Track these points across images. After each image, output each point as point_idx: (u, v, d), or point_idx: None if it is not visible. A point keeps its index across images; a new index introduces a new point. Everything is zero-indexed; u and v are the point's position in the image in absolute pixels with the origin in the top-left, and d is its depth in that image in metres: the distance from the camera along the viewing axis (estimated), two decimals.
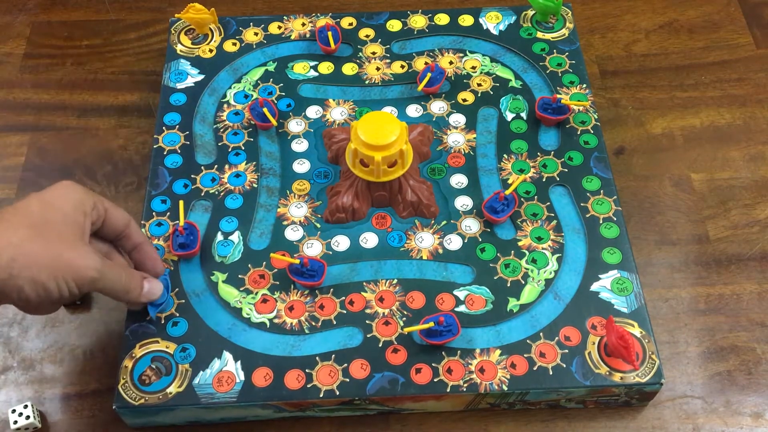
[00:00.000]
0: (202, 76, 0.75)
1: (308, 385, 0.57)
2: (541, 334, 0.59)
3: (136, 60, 0.82)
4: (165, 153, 0.69)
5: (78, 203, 0.53)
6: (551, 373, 0.57)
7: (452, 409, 0.60)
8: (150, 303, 0.59)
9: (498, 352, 0.58)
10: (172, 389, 0.57)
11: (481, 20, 0.79)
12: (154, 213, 0.66)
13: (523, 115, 0.72)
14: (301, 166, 0.69)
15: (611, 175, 0.67)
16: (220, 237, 0.64)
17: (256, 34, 0.78)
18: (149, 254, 0.59)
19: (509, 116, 0.72)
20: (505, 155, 0.69)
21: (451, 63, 0.75)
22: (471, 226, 0.65)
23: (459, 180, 0.68)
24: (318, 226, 0.65)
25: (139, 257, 0.59)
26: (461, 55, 0.76)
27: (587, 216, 0.65)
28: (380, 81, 0.74)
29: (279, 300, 0.61)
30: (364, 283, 0.62)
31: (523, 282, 0.62)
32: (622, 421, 0.60)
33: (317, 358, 0.58)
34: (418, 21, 0.79)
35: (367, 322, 0.60)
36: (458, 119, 0.72)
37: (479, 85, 0.74)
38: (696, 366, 0.62)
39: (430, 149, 0.69)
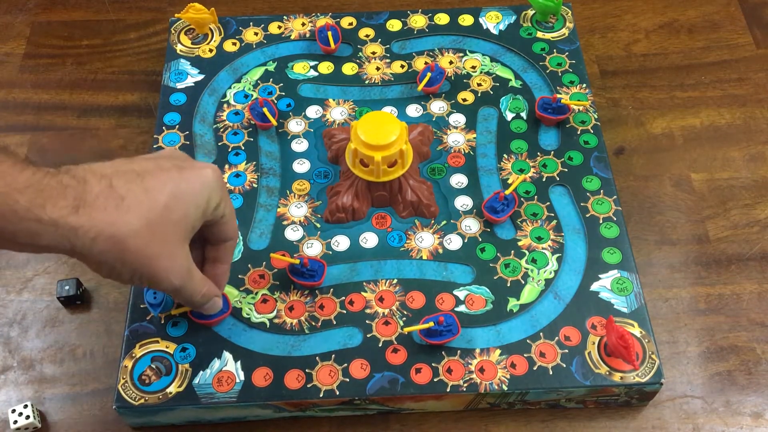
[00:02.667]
0: (202, 76, 0.75)
1: (308, 385, 0.57)
2: (541, 334, 0.59)
3: (136, 60, 0.82)
4: None
5: (205, 204, 0.50)
6: (551, 373, 0.57)
7: (452, 409, 0.60)
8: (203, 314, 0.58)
9: (498, 351, 0.58)
10: (172, 389, 0.57)
11: (481, 20, 0.79)
12: None
13: (523, 114, 0.72)
14: (301, 166, 0.69)
15: (611, 175, 0.67)
16: None
17: (256, 34, 0.78)
18: (223, 277, 0.57)
19: (509, 116, 0.72)
20: (505, 155, 0.69)
21: (451, 63, 0.75)
22: (471, 226, 0.65)
23: (459, 180, 0.68)
24: (318, 226, 0.65)
25: (214, 274, 0.56)
26: (461, 54, 0.76)
27: (587, 216, 0.65)
28: (380, 81, 0.74)
29: (279, 300, 0.61)
30: (364, 283, 0.62)
31: (523, 282, 0.62)
32: (622, 421, 0.60)
33: (317, 358, 0.58)
34: (418, 21, 0.79)
35: (367, 322, 0.60)
36: (458, 119, 0.72)
37: (479, 84, 0.74)
38: (696, 366, 0.62)
39: (430, 149, 0.69)
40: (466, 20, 0.78)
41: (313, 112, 0.73)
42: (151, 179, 0.48)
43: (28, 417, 0.59)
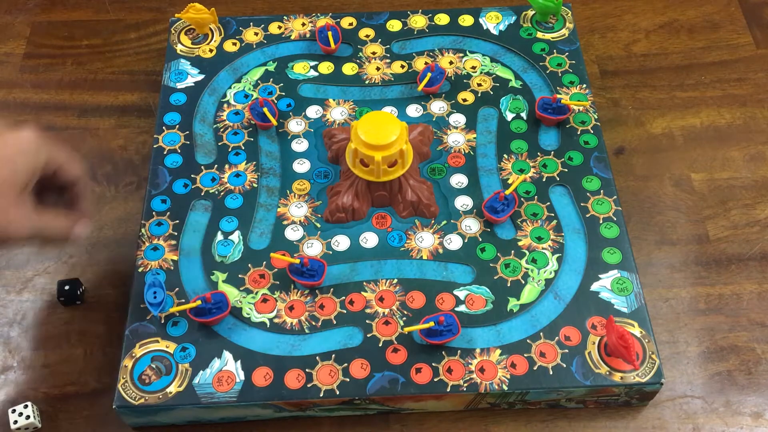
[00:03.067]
0: (202, 76, 0.75)
1: (308, 385, 0.57)
2: (541, 333, 0.59)
3: (136, 60, 0.82)
4: (165, 153, 0.69)
5: (34, 163, 0.54)
6: (551, 372, 0.57)
7: (452, 408, 0.60)
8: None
9: (498, 351, 0.58)
10: (172, 389, 0.57)
11: (481, 20, 0.79)
12: (154, 213, 0.66)
13: (523, 115, 0.72)
14: (301, 166, 0.69)
15: (611, 175, 0.67)
16: (220, 237, 0.64)
17: (256, 34, 0.78)
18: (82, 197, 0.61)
19: (509, 116, 0.72)
20: (505, 155, 0.69)
21: (451, 63, 0.75)
22: (471, 226, 0.65)
23: (459, 180, 0.68)
24: (318, 225, 0.65)
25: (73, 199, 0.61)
26: (461, 55, 0.76)
27: (587, 216, 0.65)
28: (380, 81, 0.74)
29: (279, 300, 0.61)
30: (364, 283, 0.62)
31: (523, 282, 0.62)
32: (622, 421, 0.60)
33: (317, 357, 0.58)
34: (418, 21, 0.79)
35: (367, 321, 0.60)
36: (458, 119, 0.72)
37: (479, 85, 0.74)
38: (696, 366, 0.62)
39: (430, 149, 0.70)
40: (466, 21, 0.79)
41: (313, 112, 0.73)
42: None
43: (28, 417, 0.59)
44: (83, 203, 0.61)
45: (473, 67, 0.75)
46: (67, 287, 0.64)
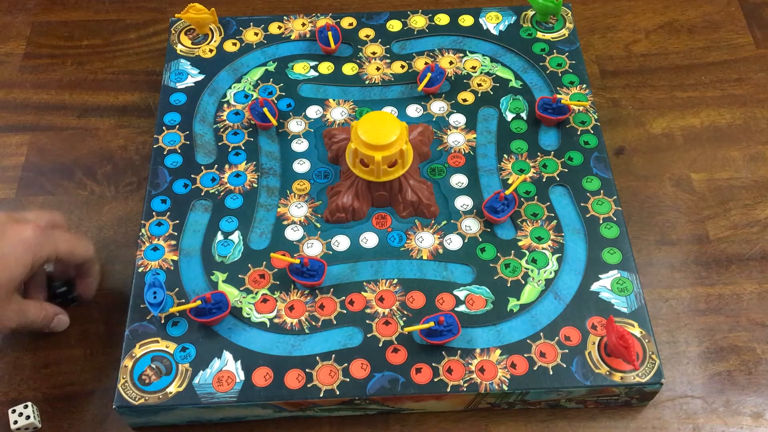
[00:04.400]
0: (202, 76, 0.75)
1: (308, 385, 0.57)
2: (541, 334, 0.59)
3: (136, 60, 0.82)
4: (165, 153, 0.69)
5: (31, 262, 0.56)
6: (551, 372, 0.57)
7: (452, 408, 0.60)
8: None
9: (498, 351, 0.58)
10: (172, 389, 0.57)
11: (481, 20, 0.79)
12: (154, 213, 0.66)
13: (523, 115, 0.72)
14: (301, 166, 0.69)
15: (611, 175, 0.67)
16: (220, 237, 0.64)
17: (256, 34, 0.78)
18: (91, 287, 0.64)
19: (509, 116, 0.72)
20: (505, 155, 0.69)
21: (451, 63, 0.75)
22: (471, 226, 0.65)
23: (459, 180, 0.68)
24: (318, 225, 0.65)
25: (84, 285, 0.64)
26: (461, 55, 0.76)
27: (587, 216, 0.65)
28: (380, 81, 0.74)
29: (279, 300, 0.61)
30: (364, 283, 0.62)
31: (523, 282, 0.62)
32: (622, 421, 0.60)
33: (317, 357, 0.58)
34: (418, 21, 0.79)
35: (367, 321, 0.60)
36: (458, 119, 0.72)
37: (479, 85, 0.74)
38: (696, 366, 0.62)
39: (430, 149, 0.70)
40: (466, 21, 0.79)
41: (313, 112, 0.73)
42: None
43: (28, 417, 0.59)
44: (91, 281, 0.64)
45: (473, 67, 0.75)
46: (61, 290, 0.64)
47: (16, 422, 0.58)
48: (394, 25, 0.78)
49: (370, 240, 0.64)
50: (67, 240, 0.60)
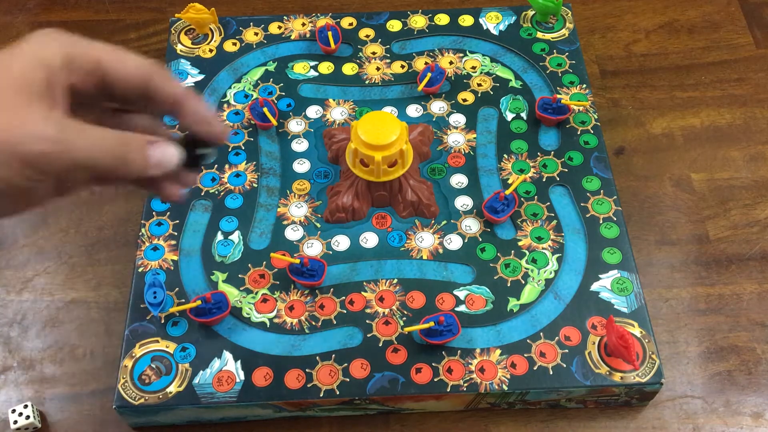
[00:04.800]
0: (202, 76, 0.75)
1: (308, 385, 0.57)
2: (541, 333, 0.59)
3: None
4: None
5: (33, 55, 0.38)
6: (551, 372, 0.57)
7: (452, 408, 0.60)
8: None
9: (498, 351, 0.58)
10: (172, 389, 0.57)
11: (481, 20, 0.79)
12: (154, 213, 0.66)
13: (523, 115, 0.72)
14: (301, 166, 0.69)
15: (611, 175, 0.67)
16: (220, 237, 0.64)
17: (256, 34, 0.78)
18: (196, 113, 0.43)
19: (509, 116, 0.72)
20: (505, 155, 0.69)
21: (451, 63, 0.75)
22: (471, 226, 0.65)
23: (459, 180, 0.68)
24: (318, 225, 0.65)
25: (184, 121, 0.43)
26: (461, 55, 0.76)
27: (587, 216, 0.65)
28: (380, 81, 0.74)
29: (279, 300, 0.61)
30: (364, 283, 0.62)
31: (523, 282, 0.62)
32: (622, 421, 0.60)
33: (317, 357, 0.58)
34: (418, 21, 0.79)
35: (367, 321, 0.60)
36: (458, 119, 0.72)
37: (479, 85, 0.74)
38: (696, 366, 0.62)
39: (430, 149, 0.70)
40: (466, 21, 0.79)
41: (313, 112, 0.73)
42: None
43: (28, 417, 0.59)
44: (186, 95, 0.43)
45: (473, 67, 0.75)
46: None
47: (16, 422, 0.58)
48: (394, 25, 0.78)
49: (370, 240, 0.64)
50: (103, 49, 0.41)
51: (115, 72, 0.40)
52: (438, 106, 0.73)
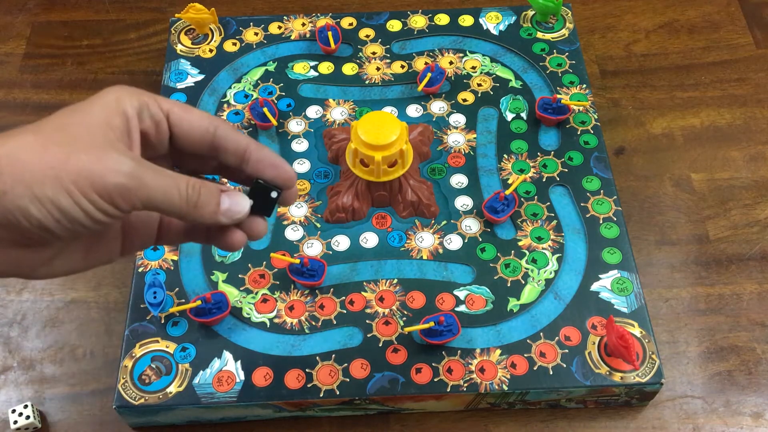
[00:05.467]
0: (202, 76, 0.75)
1: (308, 385, 0.57)
2: (541, 333, 0.59)
3: (136, 60, 0.82)
4: None
5: (113, 102, 0.39)
6: (551, 372, 0.57)
7: (452, 408, 0.60)
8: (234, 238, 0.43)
9: (498, 351, 0.58)
10: (172, 389, 0.57)
11: (481, 20, 0.79)
12: None
13: (523, 115, 0.72)
14: (301, 166, 0.69)
15: (611, 175, 0.67)
16: None
17: (256, 34, 0.78)
18: (264, 159, 0.43)
19: (509, 116, 0.72)
20: (505, 155, 0.69)
21: (451, 63, 0.75)
22: (471, 226, 0.65)
23: (459, 180, 0.68)
24: (318, 225, 0.65)
25: (253, 168, 0.44)
26: (461, 55, 0.76)
27: (587, 216, 0.65)
28: (380, 81, 0.74)
29: (279, 300, 0.61)
30: (364, 283, 0.62)
31: (523, 282, 0.62)
32: (622, 421, 0.60)
33: (317, 357, 0.58)
34: (418, 21, 0.79)
35: (367, 321, 0.60)
36: (458, 119, 0.72)
37: (479, 85, 0.74)
38: (696, 366, 0.62)
39: (430, 149, 0.70)
40: (466, 21, 0.79)
41: (313, 112, 0.73)
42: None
43: (28, 417, 0.59)
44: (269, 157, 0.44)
45: (473, 67, 0.75)
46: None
47: (16, 422, 0.58)
48: (394, 25, 0.78)
49: (370, 240, 0.64)
50: (175, 103, 0.43)
51: (180, 122, 0.42)
52: (438, 106, 0.73)
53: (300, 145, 0.70)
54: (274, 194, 0.43)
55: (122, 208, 0.37)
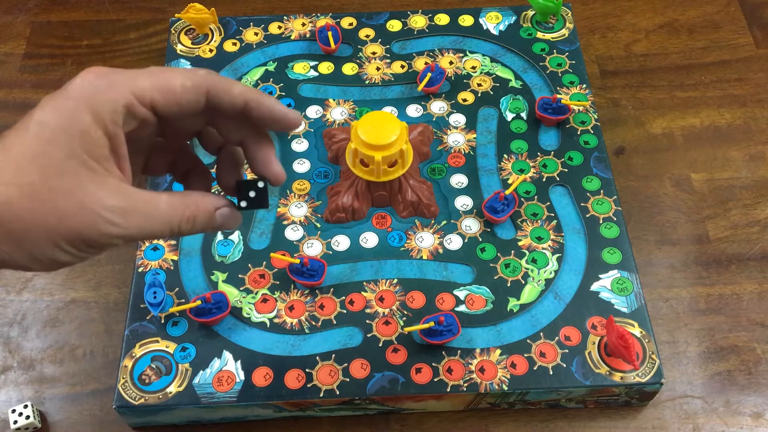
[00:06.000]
0: None
1: (308, 385, 0.57)
2: (541, 333, 0.59)
3: (136, 60, 0.82)
4: None
5: (95, 112, 0.36)
6: (551, 372, 0.57)
7: (452, 408, 0.60)
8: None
9: (498, 351, 0.58)
10: (172, 389, 0.57)
11: (481, 20, 0.79)
12: None
13: (523, 115, 0.72)
14: (301, 166, 0.69)
15: (611, 175, 0.67)
16: (220, 237, 0.64)
17: (256, 34, 0.78)
18: (265, 117, 0.41)
19: (509, 116, 0.72)
20: (505, 155, 0.69)
21: (451, 63, 0.75)
22: (471, 225, 0.65)
23: (459, 180, 0.68)
24: (318, 225, 0.65)
25: (258, 114, 0.41)
26: (461, 55, 0.76)
27: (587, 216, 0.65)
28: (380, 81, 0.74)
29: (279, 300, 0.61)
30: (364, 283, 0.62)
31: (523, 282, 0.62)
32: (622, 421, 0.60)
33: (317, 357, 0.58)
34: (418, 21, 0.79)
35: (367, 321, 0.60)
36: (458, 119, 0.72)
37: (479, 85, 0.74)
38: (696, 366, 0.62)
39: (430, 149, 0.70)
40: (466, 21, 0.79)
41: (313, 112, 0.73)
42: (14, 127, 0.38)
43: (28, 417, 0.59)
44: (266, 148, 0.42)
45: (473, 67, 0.75)
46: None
47: (16, 422, 0.58)
48: (394, 25, 0.78)
49: (370, 240, 0.64)
50: (160, 73, 0.38)
51: (167, 105, 0.38)
52: (438, 106, 0.73)
53: (300, 145, 0.70)
54: (260, 184, 0.43)
55: (116, 244, 0.38)
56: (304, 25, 0.78)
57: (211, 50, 0.77)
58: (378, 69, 0.75)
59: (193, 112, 0.40)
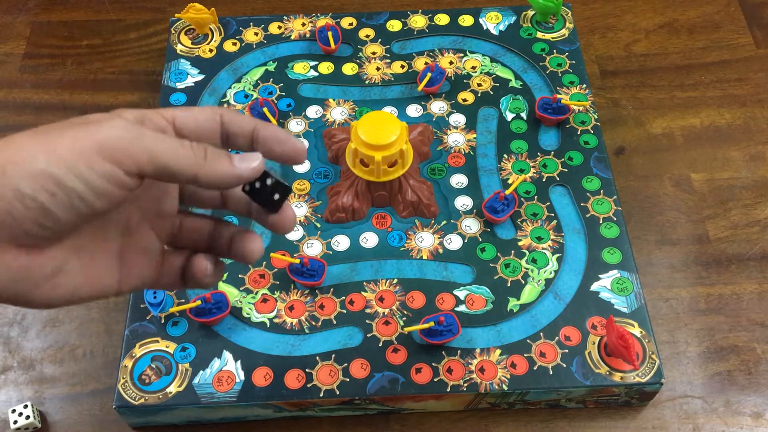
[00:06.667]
0: (202, 76, 0.75)
1: (308, 385, 0.57)
2: (541, 333, 0.59)
3: (136, 60, 0.82)
4: None
5: (114, 116, 0.36)
6: (551, 372, 0.57)
7: (452, 408, 0.60)
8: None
9: (498, 351, 0.58)
10: (172, 389, 0.57)
11: (481, 20, 0.79)
12: None
13: (523, 115, 0.72)
14: (301, 166, 0.69)
15: (611, 175, 0.67)
16: None
17: (256, 34, 0.78)
18: (273, 137, 0.41)
19: (509, 116, 0.72)
20: (505, 155, 0.69)
21: (451, 63, 0.75)
22: (471, 226, 0.65)
23: (459, 180, 0.68)
24: (318, 225, 0.65)
25: (264, 147, 0.41)
26: (461, 55, 0.76)
27: (587, 216, 0.65)
28: (380, 81, 0.74)
29: (279, 300, 0.61)
30: (364, 283, 0.62)
31: (523, 282, 0.62)
32: (622, 421, 0.60)
33: (317, 357, 0.58)
34: (418, 21, 0.79)
35: (367, 321, 0.60)
36: (458, 119, 0.72)
37: (479, 85, 0.74)
38: (696, 366, 0.62)
39: (430, 149, 0.70)
40: (466, 21, 0.79)
41: (313, 112, 0.73)
42: None
43: (28, 417, 0.59)
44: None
45: (473, 67, 0.75)
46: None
47: (16, 422, 0.58)
48: (394, 25, 0.78)
49: (370, 240, 0.64)
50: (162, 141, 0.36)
51: (186, 121, 0.39)
52: (438, 106, 0.73)
53: None
54: (276, 196, 0.41)
55: (126, 167, 0.34)
56: (304, 25, 0.78)
57: (211, 50, 0.77)
58: (378, 69, 0.75)
59: (210, 133, 0.40)
